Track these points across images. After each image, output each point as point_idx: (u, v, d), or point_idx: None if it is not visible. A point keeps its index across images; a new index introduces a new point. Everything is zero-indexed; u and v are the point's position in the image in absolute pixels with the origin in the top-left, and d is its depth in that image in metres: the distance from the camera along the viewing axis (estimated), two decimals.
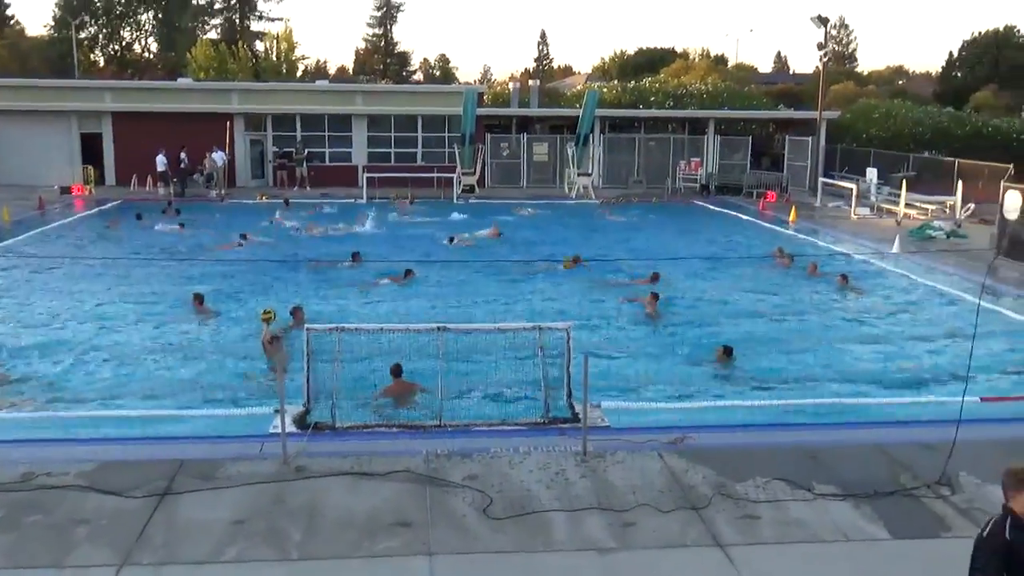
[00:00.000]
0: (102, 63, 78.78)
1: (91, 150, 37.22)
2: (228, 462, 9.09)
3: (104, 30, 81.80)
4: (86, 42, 79.08)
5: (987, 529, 5.18)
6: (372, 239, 24.61)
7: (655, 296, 16.52)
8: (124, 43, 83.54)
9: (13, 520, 7.91)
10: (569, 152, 37.10)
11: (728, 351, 13.61)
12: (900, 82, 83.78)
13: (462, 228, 25.99)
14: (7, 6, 76.30)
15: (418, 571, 7.21)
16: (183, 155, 35.03)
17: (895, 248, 23.19)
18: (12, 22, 76.04)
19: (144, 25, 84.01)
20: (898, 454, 9.49)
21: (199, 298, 16.43)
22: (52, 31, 76.99)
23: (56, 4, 77.43)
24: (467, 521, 8.01)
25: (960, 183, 30.31)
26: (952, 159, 35.10)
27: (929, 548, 7.69)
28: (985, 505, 8.35)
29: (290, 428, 9.64)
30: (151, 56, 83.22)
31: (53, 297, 17.52)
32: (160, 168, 34.85)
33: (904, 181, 31.42)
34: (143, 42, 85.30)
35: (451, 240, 23.75)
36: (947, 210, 29.83)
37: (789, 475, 8.91)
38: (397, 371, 11.48)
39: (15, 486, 8.52)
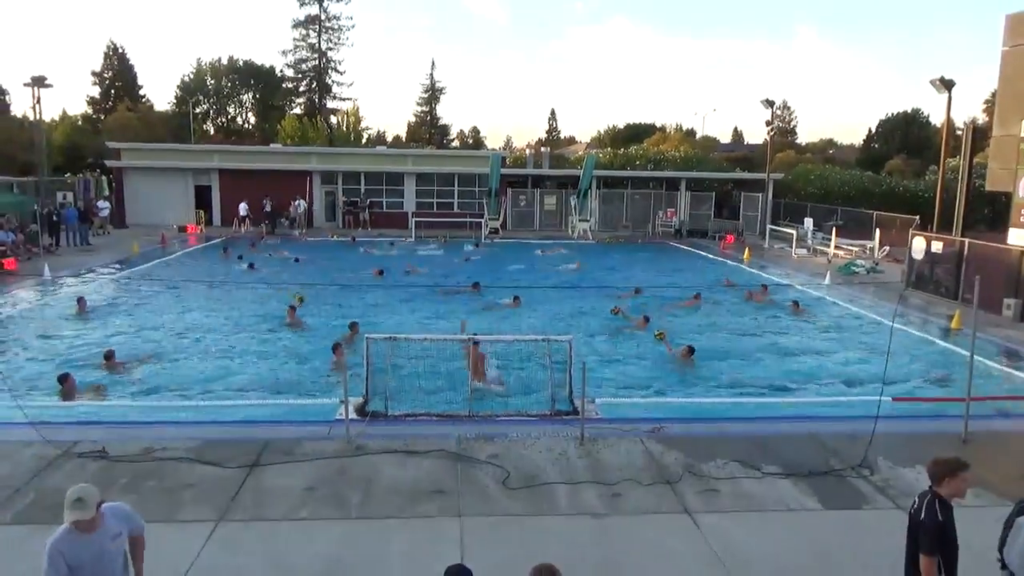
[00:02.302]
0: (212, 132, 79.66)
1: (202, 198, 37.60)
2: (304, 441, 9.09)
3: (214, 106, 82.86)
4: (199, 115, 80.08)
5: (923, 513, 4.97)
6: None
7: (646, 319, 16.41)
8: (229, 116, 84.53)
9: (136, 485, 7.95)
10: (572, 203, 37.15)
11: (691, 350, 13.57)
12: (831, 151, 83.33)
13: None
14: (140, 87, 77.34)
15: (451, 529, 7.18)
16: (267, 201, 35.37)
17: (827, 280, 23.03)
18: (144, 99, 77.00)
19: (245, 103, 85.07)
20: (829, 442, 9.39)
21: (292, 309, 16.41)
22: (174, 106, 78.02)
23: (177, 86, 78.69)
24: (490, 490, 7.97)
25: (878, 230, 30.12)
26: (871, 211, 34.87)
27: (852, 517, 7.60)
28: (897, 484, 8.26)
29: (352, 416, 9.65)
30: (250, 126, 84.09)
31: (172, 311, 17.65)
32: (242, 213, 35.28)
33: (834, 228, 31.23)
34: (244, 115, 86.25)
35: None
36: (867, 251, 29.60)
37: (743, 457, 8.83)
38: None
39: (138, 458, 8.57)
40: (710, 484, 8.21)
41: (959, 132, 26.18)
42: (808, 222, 33.79)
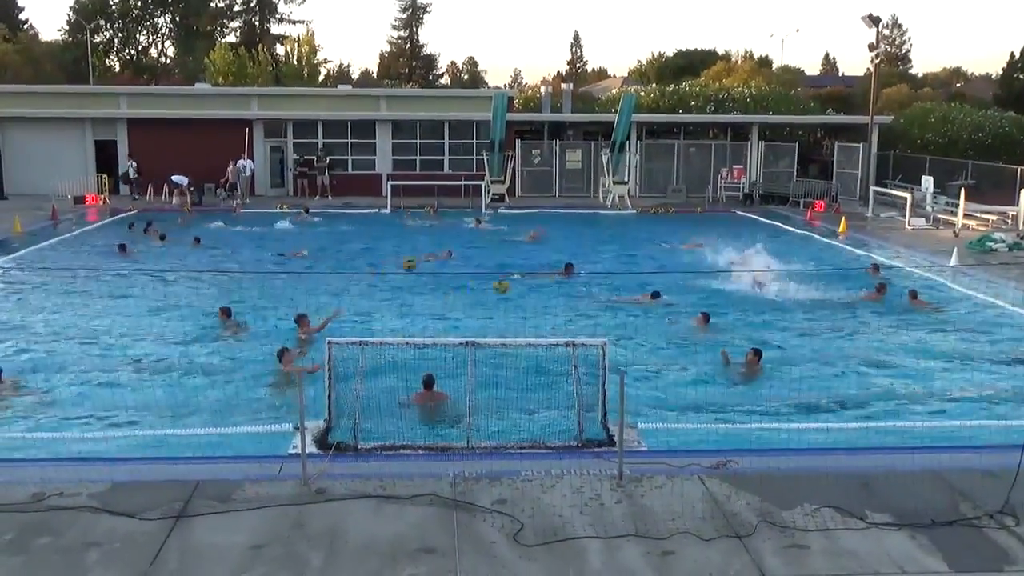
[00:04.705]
0: (117, 68, 79.91)
1: (105, 158, 37.76)
2: (246, 483, 9.12)
3: (120, 34, 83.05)
4: (101, 46, 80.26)
5: None
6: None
7: (706, 317, 16.40)
8: (140, 47, 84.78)
9: (22, 543, 7.98)
10: (604, 159, 37.13)
11: (758, 354, 13.57)
12: (958, 84, 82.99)
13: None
14: (21, 10, 77.76)
15: None
16: (130, 165, 35.72)
17: (953, 261, 22.92)
18: (26, 26, 77.35)
19: (161, 28, 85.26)
20: (957, 481, 9.34)
21: (225, 311, 16.50)
22: (66, 35, 78.24)
23: (70, 8, 78.80)
24: (496, 548, 7.98)
25: (1023, 192, 29.96)
26: (1014, 166, 34.68)
27: None
28: None
29: (311, 448, 9.67)
30: (168, 61, 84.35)
31: (67, 311, 17.72)
32: (177, 180, 35.36)
33: (962, 190, 31.08)
34: (160, 46, 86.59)
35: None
36: (1009, 221, 29.47)
37: (840, 502, 8.81)
38: (429, 382, 11.69)
39: (25, 507, 8.60)
40: (795, 538, 8.19)
41: None
42: (927, 182, 33.65)
